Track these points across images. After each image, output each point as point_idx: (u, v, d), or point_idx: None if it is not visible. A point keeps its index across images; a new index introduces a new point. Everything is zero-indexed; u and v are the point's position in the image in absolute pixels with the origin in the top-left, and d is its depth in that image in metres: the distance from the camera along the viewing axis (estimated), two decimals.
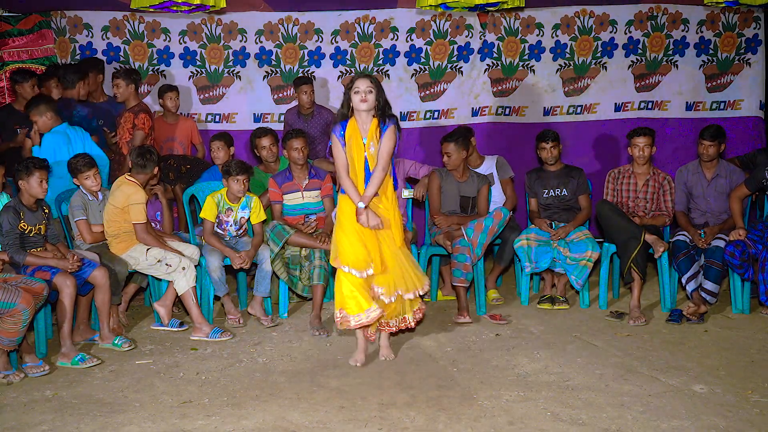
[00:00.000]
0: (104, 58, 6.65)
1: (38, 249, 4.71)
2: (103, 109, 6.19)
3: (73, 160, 5.06)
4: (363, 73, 4.43)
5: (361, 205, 4.32)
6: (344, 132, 4.35)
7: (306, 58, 6.86)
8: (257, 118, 6.88)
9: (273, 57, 6.84)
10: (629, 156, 5.75)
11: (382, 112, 4.33)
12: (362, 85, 4.28)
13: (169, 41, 6.75)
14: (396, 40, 6.85)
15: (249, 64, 6.84)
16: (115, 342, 4.79)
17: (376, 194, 4.36)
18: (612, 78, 6.98)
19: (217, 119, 6.89)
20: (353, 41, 6.84)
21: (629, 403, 3.81)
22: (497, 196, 5.89)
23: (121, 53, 6.70)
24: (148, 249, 5.07)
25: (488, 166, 5.98)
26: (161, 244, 5.12)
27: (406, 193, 5.82)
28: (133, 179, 5.13)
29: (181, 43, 6.76)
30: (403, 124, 6.85)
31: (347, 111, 4.36)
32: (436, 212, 5.69)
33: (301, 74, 6.77)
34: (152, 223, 5.37)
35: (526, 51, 6.91)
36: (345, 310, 4.35)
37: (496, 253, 5.87)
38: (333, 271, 5.61)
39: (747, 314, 5.34)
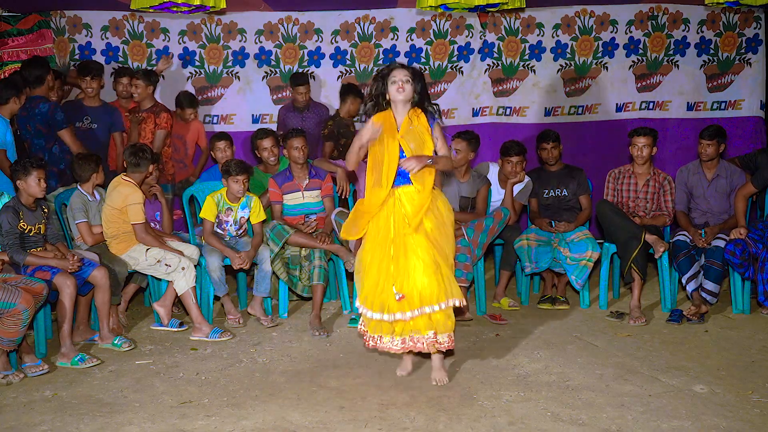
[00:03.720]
0: (103, 58, 6.65)
1: (38, 249, 4.70)
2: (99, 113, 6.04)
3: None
4: (401, 63, 4.16)
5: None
6: (372, 122, 4.06)
7: (306, 58, 6.85)
8: (256, 119, 6.87)
9: (272, 57, 6.84)
10: (630, 156, 5.75)
11: (421, 103, 4.05)
12: (399, 74, 4.00)
13: (168, 41, 6.74)
14: (396, 40, 6.85)
15: (248, 65, 6.83)
16: (115, 342, 4.79)
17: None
18: (613, 78, 6.97)
19: (215, 120, 6.88)
20: (353, 41, 6.84)
21: (629, 403, 3.81)
22: (496, 195, 5.87)
23: (120, 53, 6.69)
24: (147, 249, 5.06)
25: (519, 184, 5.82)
26: (161, 244, 5.12)
27: None
28: (128, 179, 5.12)
29: (180, 44, 6.75)
30: None
31: (381, 102, 4.07)
32: None
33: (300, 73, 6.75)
34: (152, 224, 5.37)
35: (527, 51, 6.91)
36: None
37: (501, 259, 5.81)
38: (333, 271, 5.64)
39: (747, 314, 5.33)
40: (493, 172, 5.88)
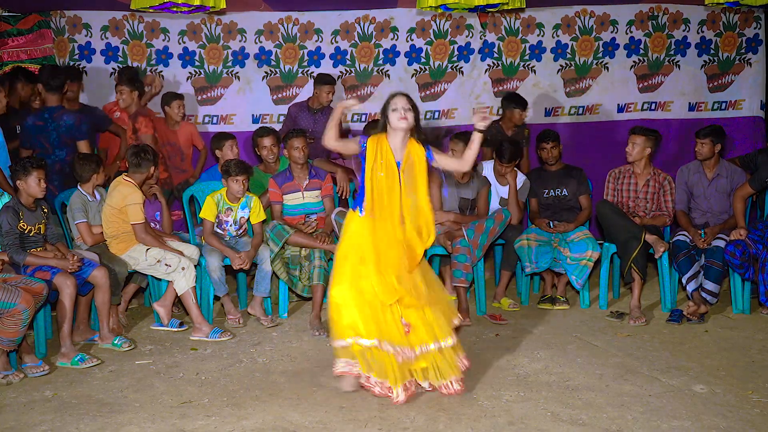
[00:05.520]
0: (103, 58, 6.64)
1: (38, 249, 4.70)
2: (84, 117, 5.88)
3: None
4: (400, 91, 4.09)
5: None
6: (366, 144, 4.00)
7: (306, 58, 6.85)
8: (256, 119, 6.86)
9: (272, 57, 6.83)
10: None
11: (419, 133, 4.02)
12: (401, 102, 3.96)
13: (168, 41, 6.73)
14: (396, 40, 6.85)
15: (248, 65, 6.83)
16: (115, 342, 4.79)
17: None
18: (614, 78, 6.97)
19: (215, 120, 6.87)
20: (353, 41, 6.84)
21: (629, 403, 3.81)
22: (494, 195, 5.87)
23: (120, 53, 6.69)
24: (147, 249, 5.06)
25: (519, 180, 5.85)
26: (161, 243, 5.12)
27: None
28: (129, 179, 5.13)
29: (180, 43, 6.75)
30: None
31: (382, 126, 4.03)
32: (437, 210, 5.67)
33: (301, 74, 6.75)
34: (152, 224, 5.37)
35: (527, 51, 6.90)
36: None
37: (501, 259, 5.80)
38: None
39: (747, 314, 5.34)
40: (487, 168, 5.88)
